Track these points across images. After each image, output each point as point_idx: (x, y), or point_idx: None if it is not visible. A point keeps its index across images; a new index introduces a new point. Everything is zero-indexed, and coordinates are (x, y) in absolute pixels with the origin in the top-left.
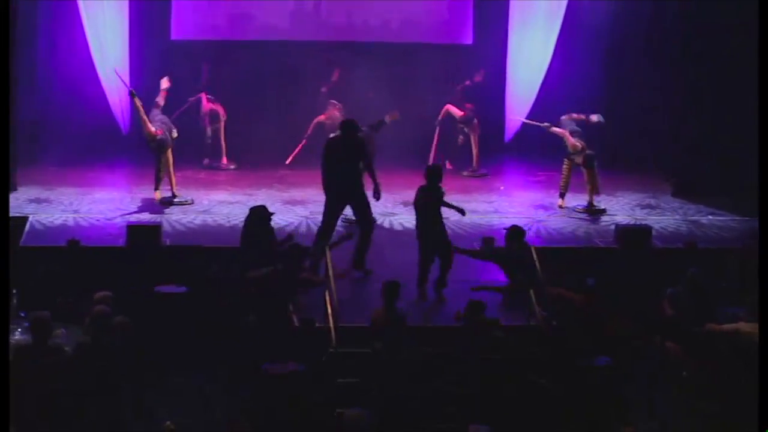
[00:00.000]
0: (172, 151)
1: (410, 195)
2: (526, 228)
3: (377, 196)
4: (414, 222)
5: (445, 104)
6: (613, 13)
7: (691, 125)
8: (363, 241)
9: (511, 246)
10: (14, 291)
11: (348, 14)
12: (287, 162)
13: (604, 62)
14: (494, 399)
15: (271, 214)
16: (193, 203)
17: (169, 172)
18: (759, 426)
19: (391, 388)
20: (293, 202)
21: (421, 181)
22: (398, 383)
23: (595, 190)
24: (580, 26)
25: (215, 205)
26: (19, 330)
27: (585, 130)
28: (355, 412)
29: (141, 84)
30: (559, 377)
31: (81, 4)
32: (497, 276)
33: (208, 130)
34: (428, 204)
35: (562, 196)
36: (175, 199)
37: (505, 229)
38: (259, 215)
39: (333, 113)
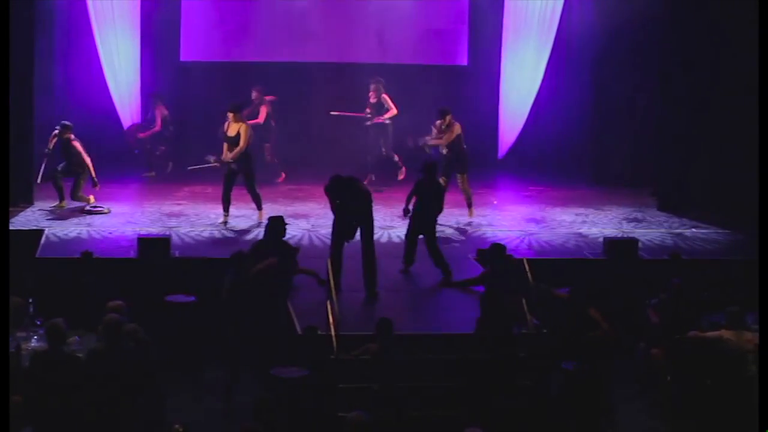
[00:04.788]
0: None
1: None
2: (518, 240)
3: None
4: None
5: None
6: (601, 35)
7: (676, 142)
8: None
9: (494, 264)
10: (30, 300)
11: (348, 36)
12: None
13: (592, 81)
14: (487, 402)
15: (286, 224)
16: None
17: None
18: (759, 426)
19: (389, 393)
20: (296, 216)
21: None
22: (395, 388)
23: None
24: (569, 48)
25: (222, 218)
26: (35, 337)
27: None
28: (354, 415)
29: (152, 104)
30: (547, 380)
31: (95, 28)
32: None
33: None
34: (428, 192)
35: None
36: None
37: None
38: (276, 225)
39: None
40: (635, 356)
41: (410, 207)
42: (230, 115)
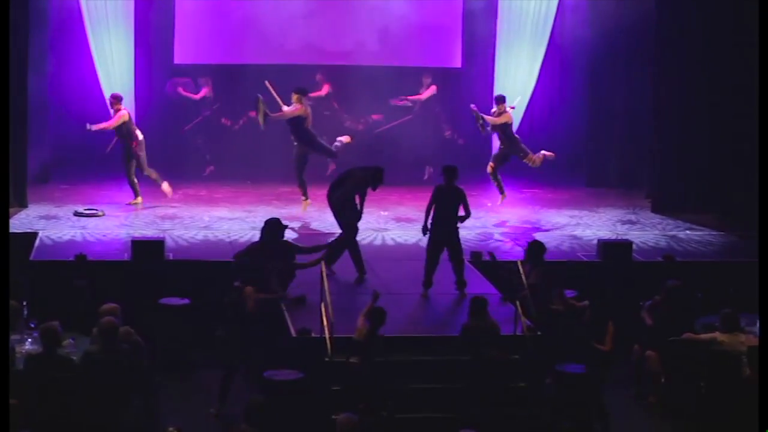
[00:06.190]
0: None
1: (403, 212)
2: (512, 242)
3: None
4: (405, 237)
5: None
6: (595, 37)
7: (670, 144)
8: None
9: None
10: (24, 303)
11: (343, 38)
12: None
13: (586, 83)
14: (482, 404)
15: (285, 226)
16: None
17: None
18: (759, 426)
19: (382, 395)
20: (291, 219)
21: (415, 195)
22: (387, 390)
23: None
24: (563, 50)
25: (216, 221)
26: (30, 340)
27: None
28: (345, 417)
29: (146, 106)
30: (541, 383)
31: (89, 31)
32: (487, 288)
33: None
34: (446, 199)
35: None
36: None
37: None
38: (274, 227)
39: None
40: (630, 358)
41: (429, 223)
42: (294, 96)
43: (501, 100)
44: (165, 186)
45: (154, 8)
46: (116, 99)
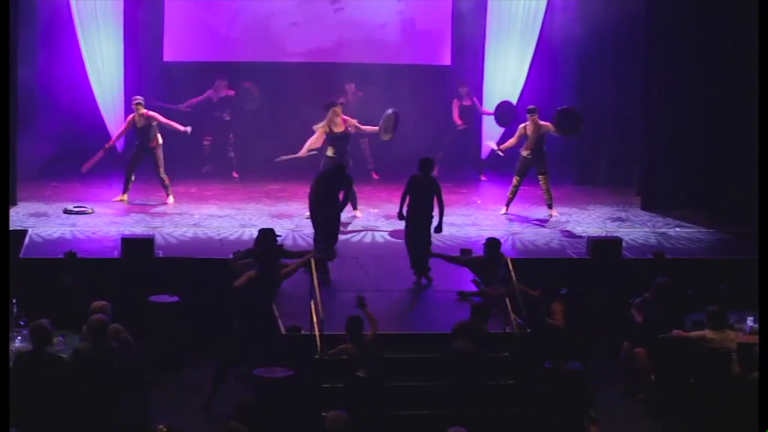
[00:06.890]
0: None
1: (392, 209)
2: (502, 240)
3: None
4: (394, 234)
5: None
6: (584, 35)
7: (660, 142)
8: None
9: (488, 256)
10: (14, 300)
11: (332, 36)
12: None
13: (575, 81)
14: (472, 401)
15: (278, 236)
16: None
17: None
18: (759, 426)
19: (372, 392)
20: (280, 216)
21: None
22: (378, 387)
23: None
24: (553, 48)
25: (206, 218)
26: (19, 338)
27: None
28: (334, 414)
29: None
30: (531, 380)
31: (78, 30)
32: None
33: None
34: (421, 190)
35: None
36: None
37: (484, 242)
38: (266, 236)
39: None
40: (619, 355)
41: (404, 210)
42: (338, 110)
43: (533, 111)
44: (170, 199)
45: (144, 6)
46: (139, 103)
